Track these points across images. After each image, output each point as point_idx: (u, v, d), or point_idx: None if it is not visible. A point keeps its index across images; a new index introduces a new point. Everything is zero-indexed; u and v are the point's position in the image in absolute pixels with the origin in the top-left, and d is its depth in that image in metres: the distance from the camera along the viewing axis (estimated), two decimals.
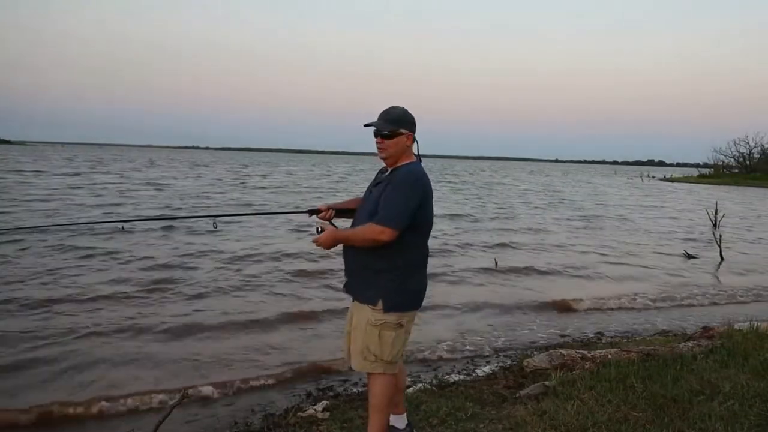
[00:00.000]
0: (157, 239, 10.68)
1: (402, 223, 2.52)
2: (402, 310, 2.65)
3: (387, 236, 2.50)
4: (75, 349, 5.02)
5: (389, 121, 2.65)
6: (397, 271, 2.62)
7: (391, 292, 2.61)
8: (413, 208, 2.54)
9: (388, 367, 2.68)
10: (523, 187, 35.54)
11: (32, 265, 8.03)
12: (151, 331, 5.63)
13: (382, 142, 2.66)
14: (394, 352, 2.66)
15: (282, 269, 8.61)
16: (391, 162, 2.70)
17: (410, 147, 2.70)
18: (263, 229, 12.37)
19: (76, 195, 18.45)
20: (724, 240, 11.88)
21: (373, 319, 2.63)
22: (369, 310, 2.64)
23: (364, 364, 2.68)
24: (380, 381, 2.70)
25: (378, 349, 2.64)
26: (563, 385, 3.72)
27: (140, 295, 6.82)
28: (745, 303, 7.95)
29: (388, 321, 2.63)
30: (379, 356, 2.65)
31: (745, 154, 63.75)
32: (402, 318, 2.66)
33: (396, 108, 2.69)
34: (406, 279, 2.64)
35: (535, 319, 6.67)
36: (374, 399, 2.73)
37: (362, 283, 2.69)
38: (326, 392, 4.37)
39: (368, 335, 2.64)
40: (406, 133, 2.66)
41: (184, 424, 3.82)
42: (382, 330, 2.63)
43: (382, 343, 2.64)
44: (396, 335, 2.65)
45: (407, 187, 2.56)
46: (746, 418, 3.15)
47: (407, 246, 2.61)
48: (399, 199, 2.54)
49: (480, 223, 15.46)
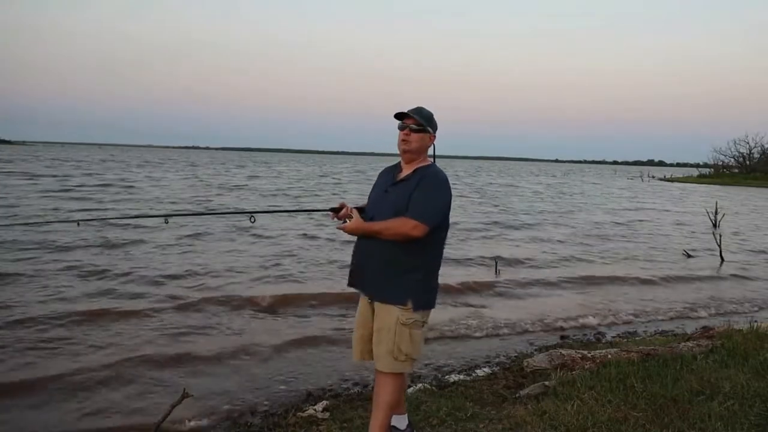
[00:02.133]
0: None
1: (436, 220, 2.59)
2: (429, 308, 2.73)
3: (419, 231, 2.53)
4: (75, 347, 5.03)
5: (423, 117, 2.70)
6: (424, 269, 2.67)
7: (419, 291, 2.66)
8: (446, 207, 2.65)
9: (414, 364, 2.76)
10: (535, 190, 35.32)
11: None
12: (152, 330, 5.64)
13: (409, 135, 2.68)
14: (420, 349, 2.73)
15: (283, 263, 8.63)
16: (409, 158, 2.72)
17: (428, 149, 2.77)
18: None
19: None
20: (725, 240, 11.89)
21: (404, 319, 2.64)
22: (398, 309, 2.64)
23: (395, 364, 2.67)
24: (399, 379, 2.75)
25: (410, 348, 2.66)
26: (563, 385, 3.72)
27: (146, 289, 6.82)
28: (744, 303, 7.95)
29: (417, 320, 2.67)
30: (410, 355, 2.68)
31: (745, 154, 63.77)
32: (425, 316, 2.72)
33: (425, 108, 2.75)
34: (430, 277, 2.72)
35: (534, 319, 6.67)
36: (387, 396, 2.73)
37: (386, 282, 2.66)
38: (326, 392, 4.37)
39: (399, 335, 2.64)
40: (431, 133, 2.73)
41: (184, 424, 3.81)
42: (412, 329, 2.66)
43: (413, 342, 2.67)
44: (421, 333, 2.72)
45: (442, 186, 2.64)
46: (746, 418, 3.15)
47: (433, 245, 2.68)
48: (435, 196, 2.60)
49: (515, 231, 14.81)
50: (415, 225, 2.53)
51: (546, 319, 6.68)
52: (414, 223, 2.53)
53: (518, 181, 44.87)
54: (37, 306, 6.15)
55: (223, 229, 12.14)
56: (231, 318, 6.19)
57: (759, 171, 58.30)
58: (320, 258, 9.62)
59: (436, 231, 2.63)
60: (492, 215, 17.89)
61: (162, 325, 5.84)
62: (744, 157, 63.75)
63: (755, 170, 59.36)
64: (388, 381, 2.72)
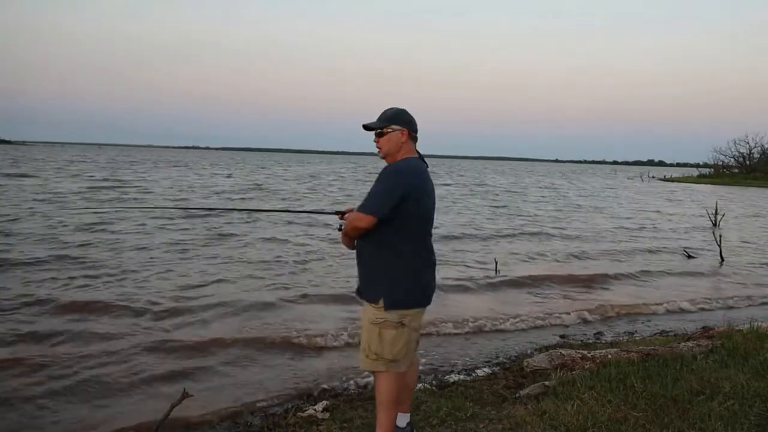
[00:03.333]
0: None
1: (377, 210, 2.55)
2: (403, 308, 2.66)
3: (365, 223, 2.57)
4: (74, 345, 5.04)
5: (382, 120, 2.75)
6: (395, 268, 2.65)
7: (390, 289, 2.64)
8: (391, 198, 2.57)
9: (391, 365, 2.70)
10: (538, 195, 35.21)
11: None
12: (151, 331, 5.64)
13: (377, 140, 2.76)
14: (395, 350, 2.67)
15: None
16: (389, 159, 2.76)
17: (407, 143, 2.74)
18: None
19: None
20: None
21: (374, 318, 2.67)
22: (371, 308, 2.68)
23: (367, 362, 2.73)
24: (384, 379, 2.73)
25: (379, 348, 2.67)
26: (563, 385, 3.72)
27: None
28: (744, 303, 7.95)
29: (389, 319, 2.65)
30: (380, 354, 2.67)
31: (745, 154, 63.71)
32: (404, 317, 2.67)
33: (391, 108, 2.78)
34: (405, 277, 2.66)
35: (533, 319, 6.67)
36: (379, 396, 2.76)
37: (365, 282, 2.75)
38: (326, 392, 4.37)
39: (369, 333, 2.68)
40: (399, 129, 2.72)
41: (184, 424, 3.82)
42: (383, 329, 2.66)
43: (382, 341, 2.66)
44: (397, 334, 2.67)
45: (385, 178, 2.63)
46: (746, 418, 3.15)
47: (402, 243, 2.64)
48: (377, 189, 2.61)
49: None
50: (360, 217, 2.59)
51: (546, 318, 6.69)
52: (359, 215, 2.59)
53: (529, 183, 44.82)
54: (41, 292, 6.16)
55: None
56: (231, 318, 6.19)
57: (759, 171, 58.26)
58: (322, 258, 9.62)
59: (400, 228, 2.60)
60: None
61: (162, 325, 5.84)
62: (744, 157, 63.71)
63: (755, 170, 59.32)
64: (375, 380, 2.79)
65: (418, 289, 2.72)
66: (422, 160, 2.81)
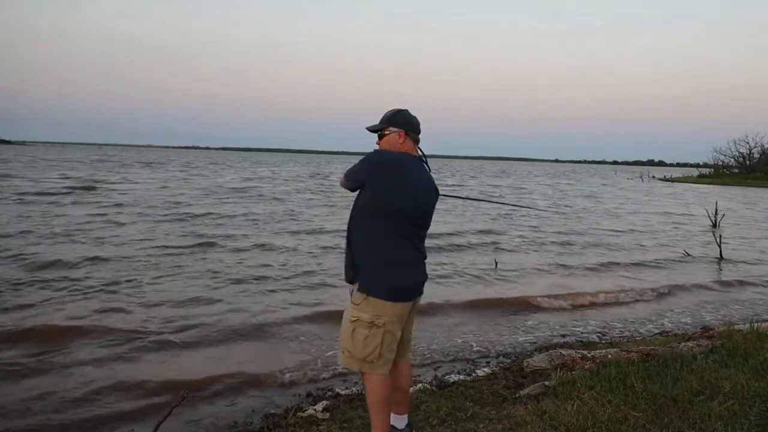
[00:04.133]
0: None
1: (347, 178, 2.73)
2: (373, 295, 2.64)
3: (341, 184, 2.79)
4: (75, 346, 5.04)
5: (380, 122, 2.84)
6: (376, 257, 2.66)
7: (367, 275, 2.67)
8: (360, 171, 2.68)
9: (365, 365, 2.69)
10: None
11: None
12: (152, 331, 5.64)
13: (378, 142, 2.84)
14: (367, 351, 2.66)
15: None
16: None
17: (405, 144, 2.77)
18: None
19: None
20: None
21: (349, 315, 2.71)
22: (350, 305, 2.73)
23: (342, 358, 2.77)
24: (369, 380, 2.74)
25: (350, 345, 2.70)
26: (563, 385, 3.71)
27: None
28: (744, 302, 7.95)
29: (361, 318, 2.66)
30: (353, 353, 2.69)
31: (745, 154, 63.72)
32: (377, 318, 2.64)
33: (390, 110, 2.85)
34: (379, 270, 2.65)
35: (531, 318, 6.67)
36: (368, 397, 2.78)
37: (348, 265, 2.78)
38: (326, 392, 4.37)
39: (345, 331, 2.73)
40: (397, 130, 2.77)
41: (184, 424, 3.82)
42: (357, 327, 2.67)
43: (354, 340, 2.68)
44: (369, 334, 2.65)
45: (366, 156, 2.73)
46: (746, 418, 3.15)
47: (377, 236, 2.66)
48: (355, 164, 2.75)
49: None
50: (340, 179, 2.81)
51: (545, 318, 6.69)
52: (342, 175, 2.78)
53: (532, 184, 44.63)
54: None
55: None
56: (231, 318, 6.18)
57: (759, 171, 58.26)
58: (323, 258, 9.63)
59: (373, 218, 2.65)
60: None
61: (162, 324, 5.84)
62: (744, 157, 63.70)
63: (755, 170, 59.32)
64: (363, 380, 2.82)
65: (394, 282, 2.66)
66: (422, 160, 2.81)
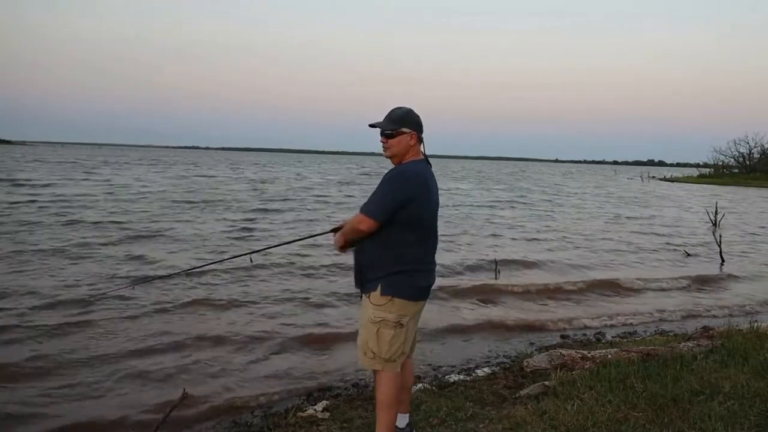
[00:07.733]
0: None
1: (377, 214, 2.57)
2: (398, 296, 2.64)
3: (365, 226, 2.59)
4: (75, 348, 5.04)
5: (392, 121, 2.71)
6: (394, 262, 2.64)
7: (387, 279, 2.64)
8: (392, 201, 2.58)
9: (388, 365, 2.70)
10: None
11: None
12: (151, 332, 5.64)
13: (386, 141, 2.73)
14: (393, 350, 2.69)
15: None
16: (396, 161, 2.75)
17: (415, 146, 2.74)
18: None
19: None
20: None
21: (372, 316, 2.67)
22: (371, 307, 2.68)
23: (365, 359, 2.74)
24: (384, 378, 2.73)
25: (375, 347, 2.68)
26: (563, 385, 3.71)
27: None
28: (744, 302, 7.95)
29: (387, 319, 2.65)
30: (377, 353, 2.68)
31: (745, 154, 63.64)
32: (402, 317, 2.68)
33: (400, 108, 2.75)
34: (402, 274, 2.65)
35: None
36: (379, 396, 2.76)
37: (364, 272, 2.73)
38: (326, 392, 4.37)
39: (368, 331, 2.70)
40: (409, 132, 2.70)
41: (184, 425, 3.82)
42: (381, 328, 2.66)
43: (379, 340, 2.67)
44: (395, 334, 2.68)
45: (387, 182, 2.63)
46: (746, 418, 3.15)
47: (400, 244, 2.64)
48: (378, 191, 2.62)
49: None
50: (360, 219, 2.60)
51: (545, 319, 6.69)
52: (360, 217, 2.60)
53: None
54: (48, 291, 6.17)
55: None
56: (230, 318, 6.19)
57: (759, 171, 58.21)
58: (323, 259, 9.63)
59: (399, 229, 2.60)
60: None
61: (161, 324, 5.84)
62: (744, 157, 63.64)
63: (755, 170, 59.27)
64: (375, 379, 2.80)
65: (415, 283, 2.70)
66: (427, 161, 2.81)
